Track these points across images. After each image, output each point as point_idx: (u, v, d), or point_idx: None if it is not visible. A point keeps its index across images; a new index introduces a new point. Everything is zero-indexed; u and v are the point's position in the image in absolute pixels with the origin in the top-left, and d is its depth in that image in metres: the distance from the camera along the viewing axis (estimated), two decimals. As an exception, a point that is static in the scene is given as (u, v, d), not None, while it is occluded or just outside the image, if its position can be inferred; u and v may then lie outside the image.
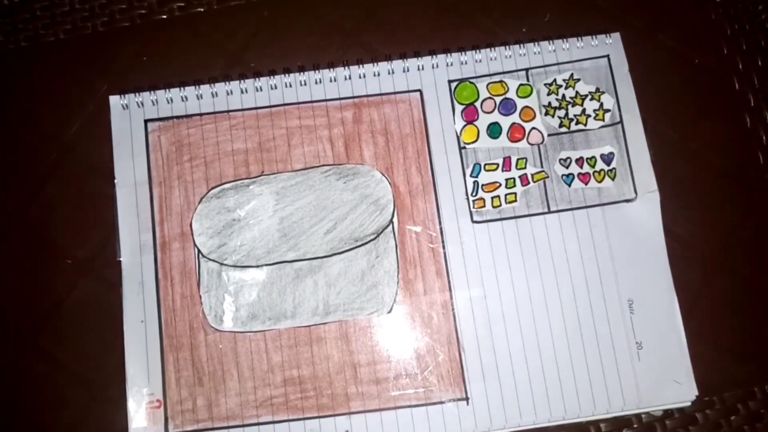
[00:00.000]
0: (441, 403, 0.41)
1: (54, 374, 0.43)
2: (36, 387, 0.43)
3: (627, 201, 0.43)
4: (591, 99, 0.44)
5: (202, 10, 0.48)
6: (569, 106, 0.44)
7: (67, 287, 0.44)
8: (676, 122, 0.45)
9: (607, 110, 0.44)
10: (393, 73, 0.45)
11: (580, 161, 0.44)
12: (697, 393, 0.41)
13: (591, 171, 0.44)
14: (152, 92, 0.45)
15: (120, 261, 0.43)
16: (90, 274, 0.44)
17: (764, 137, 0.46)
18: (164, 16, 0.48)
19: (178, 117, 0.45)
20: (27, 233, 0.45)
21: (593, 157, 0.44)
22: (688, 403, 0.41)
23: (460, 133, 0.44)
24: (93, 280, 0.44)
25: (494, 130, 0.44)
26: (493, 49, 0.45)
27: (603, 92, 0.44)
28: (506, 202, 0.43)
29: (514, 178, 0.44)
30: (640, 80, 0.45)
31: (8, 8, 0.48)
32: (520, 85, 0.45)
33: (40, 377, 0.43)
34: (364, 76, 0.45)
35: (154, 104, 0.45)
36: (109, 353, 0.42)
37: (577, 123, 0.44)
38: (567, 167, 0.44)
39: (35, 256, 0.45)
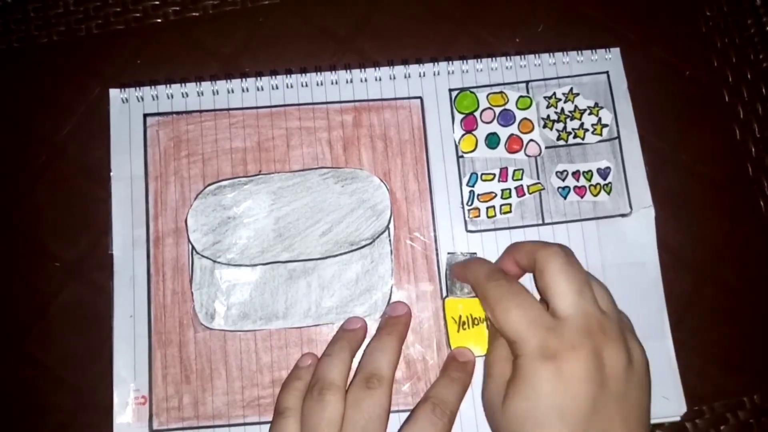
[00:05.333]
0: (429, 410, 0.41)
1: (39, 379, 0.42)
2: (20, 392, 0.42)
3: (622, 216, 0.44)
4: (589, 113, 0.45)
5: (197, 14, 0.48)
6: (568, 120, 0.45)
7: (54, 290, 0.43)
8: (666, 133, 0.46)
9: (605, 125, 0.45)
10: (394, 78, 0.45)
11: (576, 174, 0.44)
12: (685, 409, 0.41)
13: (587, 184, 0.44)
14: (152, 87, 0.45)
15: (112, 255, 0.43)
16: (78, 277, 0.44)
17: (753, 149, 0.46)
18: (159, 20, 0.47)
19: (177, 113, 0.45)
20: (14, 236, 0.44)
21: (590, 170, 0.44)
22: (677, 418, 0.41)
23: (459, 142, 0.45)
24: (81, 283, 0.43)
25: (492, 141, 0.45)
26: (494, 59, 0.46)
27: (601, 107, 0.45)
28: (501, 213, 0.44)
29: (510, 189, 0.44)
30: (632, 91, 0.45)
31: (1, 9, 0.47)
32: (520, 96, 0.45)
33: (24, 382, 0.43)
34: (366, 81, 0.45)
35: (153, 99, 0.45)
36: (96, 358, 0.42)
37: (575, 137, 0.45)
38: (563, 180, 0.44)
39: (22, 259, 0.44)
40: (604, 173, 0.44)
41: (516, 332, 0.34)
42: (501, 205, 0.44)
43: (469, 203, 0.44)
